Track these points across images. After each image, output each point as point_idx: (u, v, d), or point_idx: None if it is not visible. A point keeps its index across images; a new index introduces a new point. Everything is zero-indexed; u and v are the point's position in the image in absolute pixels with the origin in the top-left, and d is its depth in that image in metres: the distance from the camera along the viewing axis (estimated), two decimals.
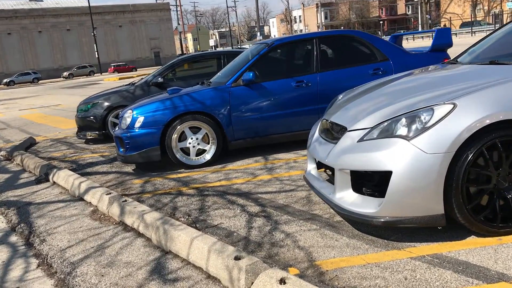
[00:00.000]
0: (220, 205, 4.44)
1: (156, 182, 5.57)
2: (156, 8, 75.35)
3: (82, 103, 8.91)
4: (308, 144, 4.26)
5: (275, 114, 6.07)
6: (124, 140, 5.92)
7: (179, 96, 6.01)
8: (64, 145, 8.97)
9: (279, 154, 6.24)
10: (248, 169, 5.66)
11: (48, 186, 6.01)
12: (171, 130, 5.84)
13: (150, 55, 74.20)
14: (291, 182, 4.93)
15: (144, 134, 5.85)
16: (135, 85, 8.81)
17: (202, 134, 5.99)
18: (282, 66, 6.46)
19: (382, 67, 6.25)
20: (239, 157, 6.27)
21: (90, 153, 7.84)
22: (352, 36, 6.48)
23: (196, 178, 5.52)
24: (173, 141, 5.87)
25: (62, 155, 7.94)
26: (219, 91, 6.01)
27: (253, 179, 5.20)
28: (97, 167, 6.72)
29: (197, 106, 5.90)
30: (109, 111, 8.49)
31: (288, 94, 6.09)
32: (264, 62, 6.24)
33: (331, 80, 6.16)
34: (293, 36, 6.56)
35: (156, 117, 5.85)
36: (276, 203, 4.31)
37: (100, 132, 8.54)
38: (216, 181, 5.29)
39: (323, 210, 4.02)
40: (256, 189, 4.82)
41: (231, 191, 4.86)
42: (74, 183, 5.43)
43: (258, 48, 6.47)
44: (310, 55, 6.26)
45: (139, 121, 5.87)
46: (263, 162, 5.93)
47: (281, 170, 5.45)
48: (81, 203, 5.09)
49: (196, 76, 8.92)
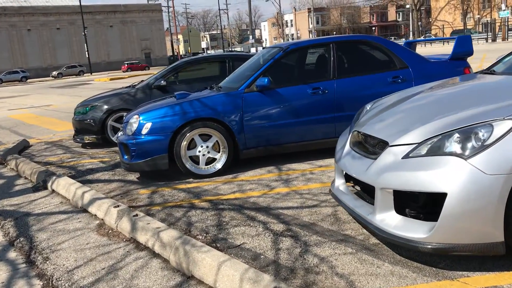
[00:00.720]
0: (239, 221, 4.11)
1: (164, 192, 5.22)
2: (147, 9, 74.75)
3: (80, 105, 8.52)
4: (337, 157, 3.94)
5: (289, 122, 5.76)
6: (129, 146, 5.56)
7: (188, 101, 5.67)
8: (60, 148, 8.56)
9: (292, 164, 5.92)
10: (262, 180, 5.33)
11: (46, 195, 5.62)
12: (181, 137, 5.49)
13: (141, 56, 73.49)
14: (312, 196, 4.61)
15: (151, 141, 5.49)
16: (136, 87, 8.44)
17: (213, 142, 5.65)
18: (297, 72, 6.15)
19: (401, 75, 5.97)
20: (250, 166, 5.94)
21: (89, 159, 7.45)
22: (370, 42, 6.20)
23: (207, 189, 5.18)
24: (182, 149, 5.52)
25: (59, 160, 7.54)
26: (232, 97, 5.68)
27: (269, 192, 4.87)
28: (98, 174, 6.34)
29: (208, 112, 5.56)
30: (109, 114, 8.11)
31: (304, 101, 5.78)
32: (279, 67, 5.93)
33: (349, 88, 5.86)
34: (309, 40, 6.26)
35: (165, 123, 5.50)
36: (301, 221, 3.98)
37: (99, 136, 8.15)
38: (230, 193, 4.96)
39: (355, 230, 3.71)
40: (275, 203, 4.49)
41: (248, 205, 4.53)
42: (77, 193, 5.06)
43: (272, 52, 6.16)
44: (327, 60, 5.96)
45: (146, 127, 5.51)
46: (276, 172, 5.61)
47: (298, 182, 5.13)
48: (85, 215, 4.72)
49: (200, 80, 8.58)
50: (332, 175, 5.26)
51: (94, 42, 67.76)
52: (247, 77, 5.93)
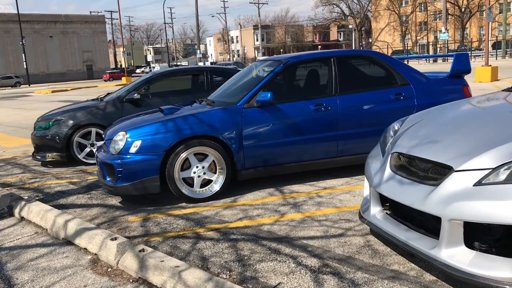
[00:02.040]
0: (262, 255, 3.59)
1: (159, 220, 4.61)
2: (90, 20, 72.41)
3: (41, 119, 7.68)
4: (374, 182, 3.53)
5: (291, 141, 5.32)
6: (114, 167, 4.91)
7: (183, 117, 5.10)
8: (17, 167, 7.66)
9: (293, 185, 5.47)
10: (267, 205, 4.84)
11: (14, 223, 4.84)
12: (174, 157, 4.91)
13: (82, 68, 70.88)
14: (332, 223, 4.17)
15: (141, 161, 4.87)
16: (105, 100, 7.72)
17: (209, 162, 5.10)
18: (298, 87, 5.74)
19: (403, 92, 5.70)
20: (247, 189, 5.44)
21: (54, 179, 6.66)
22: (371, 57, 5.90)
23: (208, 216, 4.62)
24: (176, 170, 4.94)
25: (18, 181, 6.69)
26: (230, 113, 5.17)
27: (282, 219, 4.39)
28: (72, 198, 5.60)
29: (205, 129, 5.02)
30: (75, 130, 7.34)
31: (306, 118, 5.36)
32: (278, 81, 5.50)
33: (352, 104, 5.51)
34: (309, 54, 5.87)
35: (157, 141, 4.90)
36: (334, 254, 3.53)
37: (63, 154, 7.35)
38: (237, 220, 4.43)
39: (402, 264, 3.30)
40: (295, 232, 4.02)
41: (264, 234, 4.02)
42: (57, 222, 4.35)
43: (271, 66, 5.72)
44: (329, 75, 5.59)
45: (135, 145, 4.89)
46: (279, 195, 5.14)
47: (308, 207, 4.68)
48: (70, 248, 4.03)
49: (175, 93, 8.00)
50: (343, 199, 4.86)
51: (32, 53, 64.66)
52: (245, 91, 5.45)
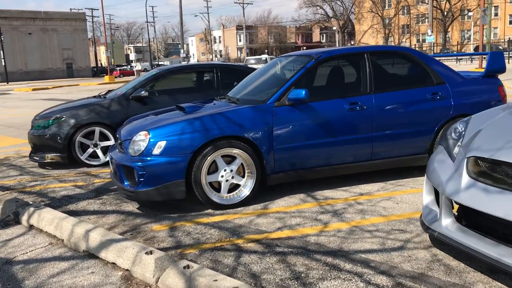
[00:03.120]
0: (319, 271, 3.18)
1: (188, 229, 4.16)
2: (70, 18, 70.77)
3: (39, 117, 7.12)
4: (447, 190, 3.14)
5: (323, 142, 4.92)
6: (136, 170, 4.44)
7: (210, 116, 4.66)
8: (12, 169, 7.10)
9: (324, 191, 5.08)
10: (304, 212, 4.43)
11: (23, 232, 4.34)
12: (202, 159, 4.47)
13: (62, 66, 69.23)
14: (386, 234, 3.78)
15: (165, 163, 4.42)
16: (109, 98, 7.21)
17: (238, 165, 4.68)
18: (331, 84, 5.34)
19: (439, 91, 5.35)
20: (275, 195, 5.02)
21: (57, 182, 6.13)
22: (405, 53, 5.53)
23: (242, 225, 4.18)
24: (203, 174, 4.50)
25: (17, 184, 6.15)
26: (260, 111, 4.75)
27: (326, 229, 3.98)
28: (82, 204, 5.10)
29: (234, 130, 4.59)
30: (77, 129, 6.82)
31: (340, 118, 4.98)
32: (310, 78, 5.10)
33: (388, 104, 5.14)
34: (342, 49, 5.48)
35: (183, 141, 4.45)
36: (402, 270, 3.14)
37: (64, 155, 6.82)
38: (276, 230, 4.01)
39: (486, 282, 2.93)
40: (347, 244, 3.62)
41: (313, 247, 3.61)
42: (76, 232, 3.86)
43: (299, 61, 5.32)
44: (362, 72, 5.21)
45: (159, 146, 4.43)
46: (314, 202, 4.73)
47: (351, 215, 4.28)
48: (94, 262, 3.55)
49: (183, 90, 7.54)
50: (386, 206, 4.48)
51: (10, 50, 62.83)
52: (273, 88, 5.04)
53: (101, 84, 39.10)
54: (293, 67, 5.37)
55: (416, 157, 5.37)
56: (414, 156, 5.35)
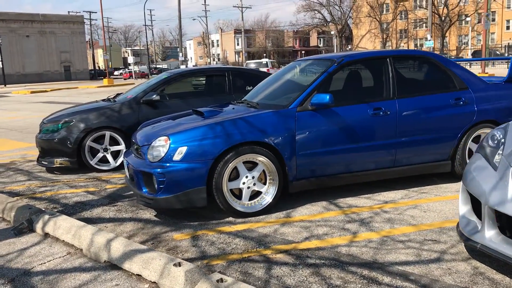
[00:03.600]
0: (359, 285, 3.04)
1: (211, 238, 4.01)
2: (68, 20, 70.55)
3: (47, 121, 6.96)
4: (491, 200, 3.00)
5: (347, 148, 4.79)
6: (155, 177, 4.28)
7: (231, 121, 4.52)
8: (20, 174, 6.93)
9: (346, 198, 4.94)
10: (330, 221, 4.28)
11: (38, 241, 4.17)
12: (223, 165, 4.32)
13: (60, 69, 68.94)
14: (419, 245, 3.65)
15: (186, 170, 4.27)
16: (119, 101, 7.05)
17: (260, 171, 4.53)
18: (354, 88, 5.21)
19: (463, 96, 5.23)
20: (296, 202, 4.88)
21: (67, 188, 5.97)
22: (428, 58, 5.41)
23: (267, 234, 4.03)
24: (224, 181, 4.35)
25: (26, 189, 5.98)
26: (282, 116, 4.61)
27: (356, 239, 3.84)
28: (96, 211, 4.94)
29: (257, 135, 4.45)
30: (87, 133, 6.66)
31: (364, 123, 4.84)
32: (332, 82, 4.96)
33: (412, 109, 5.02)
34: (364, 53, 5.35)
35: (204, 147, 4.30)
36: (445, 284, 3.00)
37: (74, 160, 6.66)
38: (304, 240, 3.86)
39: None
40: (381, 256, 3.47)
41: (345, 258, 3.47)
42: (96, 241, 3.70)
43: (320, 65, 5.19)
44: (385, 76, 5.08)
45: (180, 152, 4.28)
46: (337, 210, 4.59)
47: (379, 224, 4.14)
48: (117, 273, 3.40)
49: (194, 94, 7.41)
50: (414, 214, 4.35)
51: (7, 52, 62.58)
52: (293, 92, 4.91)
53: (100, 87, 38.94)
54: (314, 71, 5.25)
55: (439, 164, 5.24)
56: (436, 163, 5.23)
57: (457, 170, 5.27)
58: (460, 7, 70.48)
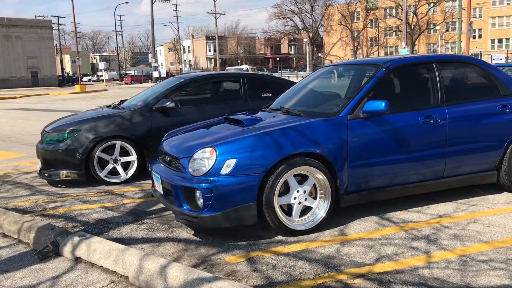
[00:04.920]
0: None
1: (269, 260, 3.60)
2: (35, 25, 68.45)
3: (51, 130, 6.39)
4: None
5: (399, 159, 4.47)
6: (201, 192, 3.85)
7: (281, 130, 4.13)
8: (20, 187, 6.33)
9: (396, 213, 4.62)
10: (391, 239, 3.94)
11: (70, 267, 3.67)
12: (275, 179, 3.93)
13: (27, 75, 66.76)
14: (505, 265, 3.35)
15: (235, 184, 3.85)
16: (131, 109, 6.55)
17: (311, 185, 4.16)
18: (402, 95, 4.89)
19: (509, 103, 5.00)
20: (344, 218, 4.51)
21: (80, 203, 5.44)
22: (472, 63, 5.16)
23: (330, 255, 3.66)
24: (275, 196, 3.96)
25: (34, 205, 5.43)
26: (334, 125, 4.26)
27: (432, 259, 3.50)
28: (124, 230, 4.46)
29: (309, 145, 4.08)
30: (97, 143, 6.14)
31: (415, 132, 4.54)
32: (381, 88, 4.63)
33: (461, 117, 4.75)
34: (410, 57, 5.05)
35: (255, 159, 3.90)
36: None
37: (82, 172, 6.12)
38: (376, 262, 3.50)
39: None
40: (472, 279, 3.15)
41: (434, 283, 3.12)
42: (146, 268, 3.25)
43: (367, 70, 4.87)
44: (432, 82, 4.80)
45: (229, 164, 3.87)
46: (393, 226, 4.26)
47: (447, 241, 3.83)
48: None
49: (208, 101, 6.98)
50: (479, 230, 4.06)
51: None
52: (340, 99, 4.58)
53: (73, 94, 37.84)
54: (356, 77, 4.93)
55: (485, 174, 4.99)
56: (483, 173, 4.97)
57: (503, 180, 5.03)
58: (429, 16, 71.99)
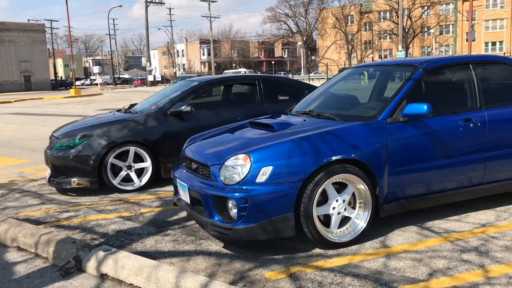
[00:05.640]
0: None
1: (313, 277, 3.33)
2: (29, 29, 67.85)
3: (61, 135, 6.07)
4: None
5: (439, 165, 4.23)
6: (236, 203, 3.58)
7: (318, 135, 3.87)
8: (28, 196, 6.02)
9: (434, 221, 4.37)
10: (439, 251, 3.68)
11: (97, 285, 3.39)
12: (314, 187, 3.67)
13: (20, 79, 66.09)
14: None
15: (272, 193, 3.59)
16: (145, 113, 6.26)
17: (350, 193, 3.91)
18: (440, 97, 4.63)
19: None
20: (380, 228, 4.25)
21: (95, 213, 5.15)
22: (507, 64, 4.93)
23: (378, 270, 3.39)
24: (314, 206, 3.69)
25: (46, 215, 5.13)
26: (373, 129, 4.00)
27: (490, 274, 3.25)
28: (149, 242, 4.17)
29: (348, 151, 3.82)
30: (110, 149, 5.85)
31: (455, 136, 4.30)
32: (418, 90, 4.39)
33: (501, 120, 4.52)
34: (447, 58, 4.80)
35: (292, 166, 3.64)
36: None
37: (94, 179, 5.82)
38: (429, 277, 3.24)
39: None
40: None
41: None
42: (185, 286, 2.97)
43: (402, 71, 4.64)
44: (469, 84, 4.56)
45: (265, 172, 3.60)
46: (437, 236, 4.00)
47: (501, 253, 3.58)
48: None
49: (223, 105, 6.72)
50: None
51: None
52: (374, 101, 4.34)
53: (67, 98, 37.42)
54: (390, 78, 4.68)
55: None
56: None
57: None
58: (423, 19, 72.18)
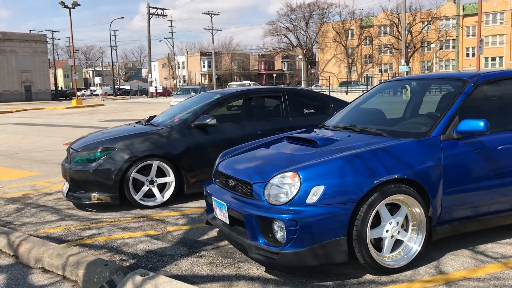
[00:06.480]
0: None
1: None
2: (30, 39, 67.81)
3: (81, 148, 5.80)
4: None
5: (495, 185, 3.97)
6: (285, 225, 3.31)
7: (371, 152, 3.61)
8: (45, 211, 5.73)
9: (486, 245, 4.11)
10: (503, 279, 3.41)
11: None
12: (368, 209, 3.41)
13: (20, 89, 65.92)
14: None
15: (324, 215, 3.32)
16: (168, 126, 6.00)
17: (403, 215, 3.65)
18: (491, 113, 4.40)
19: None
20: (430, 252, 3.98)
21: (120, 231, 4.86)
22: None
23: None
24: (368, 228, 3.43)
25: (67, 233, 4.84)
26: (426, 147, 3.75)
27: None
28: (183, 264, 3.88)
29: (403, 170, 3.56)
30: (132, 162, 5.58)
31: (509, 154, 4.05)
32: (468, 105, 4.13)
33: None
34: (496, 72, 4.56)
35: (345, 186, 3.38)
36: None
37: (116, 194, 5.55)
38: None
39: None
40: None
41: None
42: None
43: (450, 86, 4.39)
44: None
45: (316, 192, 3.34)
46: (495, 262, 3.73)
47: None
48: None
49: (248, 118, 6.46)
50: None
51: None
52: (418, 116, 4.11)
53: (69, 108, 37.17)
54: (438, 93, 4.44)
55: None
56: None
57: None
58: (423, 34, 72.48)
